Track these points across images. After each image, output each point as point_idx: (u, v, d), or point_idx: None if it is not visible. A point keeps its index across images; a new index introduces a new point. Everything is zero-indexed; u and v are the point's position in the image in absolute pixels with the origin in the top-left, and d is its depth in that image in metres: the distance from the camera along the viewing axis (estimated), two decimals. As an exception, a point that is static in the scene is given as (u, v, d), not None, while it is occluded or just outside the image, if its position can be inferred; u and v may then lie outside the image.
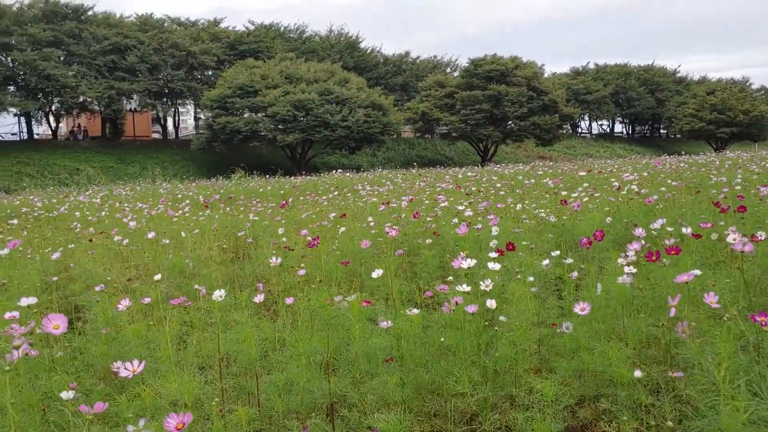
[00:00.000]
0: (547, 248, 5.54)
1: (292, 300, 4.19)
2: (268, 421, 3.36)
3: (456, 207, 8.26)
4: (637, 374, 2.86)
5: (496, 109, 45.29)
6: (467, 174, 19.40)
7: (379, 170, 28.06)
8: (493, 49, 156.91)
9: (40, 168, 36.84)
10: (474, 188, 12.38)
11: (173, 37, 44.35)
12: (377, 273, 4.17)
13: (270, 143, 39.38)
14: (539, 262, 4.52)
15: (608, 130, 71.55)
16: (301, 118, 38.27)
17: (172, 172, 35.55)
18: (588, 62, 79.51)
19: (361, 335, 3.41)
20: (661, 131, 73.60)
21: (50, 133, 46.50)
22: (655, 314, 3.73)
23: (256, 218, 9.35)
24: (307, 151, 41.74)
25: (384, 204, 9.02)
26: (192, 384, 2.85)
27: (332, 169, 31.84)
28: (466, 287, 3.47)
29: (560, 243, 6.38)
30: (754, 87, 67.60)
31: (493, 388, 3.30)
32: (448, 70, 58.88)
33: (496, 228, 5.73)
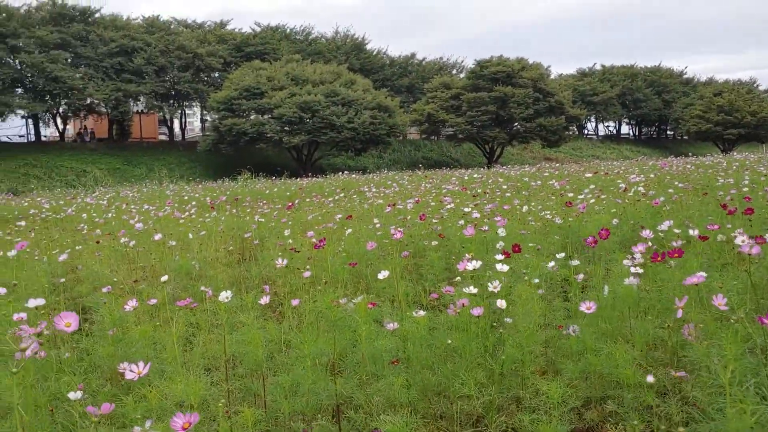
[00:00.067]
0: (554, 250, 5.53)
1: (297, 302, 4.20)
2: (274, 422, 3.36)
3: (462, 209, 8.25)
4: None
5: (502, 111, 45.21)
6: (473, 176, 19.37)
7: (385, 172, 28.06)
8: (499, 50, 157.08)
9: (48, 170, 36.98)
10: (480, 190, 12.37)
11: (180, 39, 44.46)
12: (383, 274, 4.17)
13: (276, 145, 39.42)
14: (545, 264, 4.51)
15: (615, 132, 71.33)
16: (307, 120, 38.31)
17: (179, 173, 35.70)
18: (594, 63, 79.46)
19: (367, 337, 3.41)
20: (668, 133, 73.26)
21: (57, 135, 46.67)
22: (661, 316, 3.72)
23: (262, 220, 9.36)
24: (313, 152, 41.76)
25: (390, 206, 9.03)
26: (198, 385, 2.86)
27: (338, 170, 31.85)
28: (472, 289, 3.47)
29: (566, 245, 6.37)
30: (761, 88, 67.12)
31: (499, 390, 3.30)
32: (454, 71, 58.78)
33: (502, 230, 5.72)
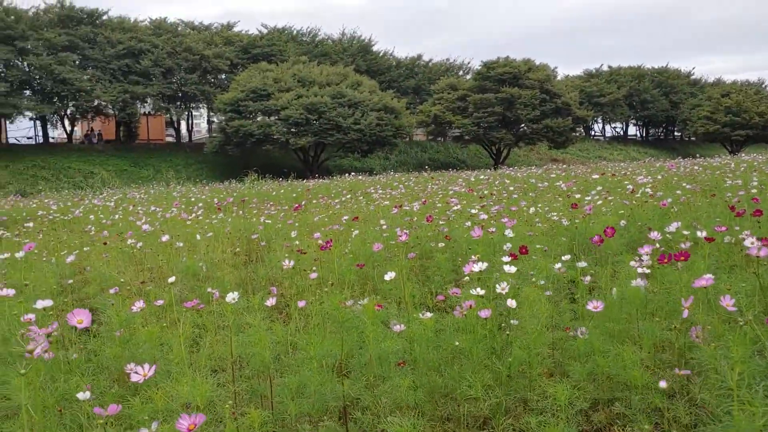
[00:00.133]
0: (561, 252, 5.52)
1: (304, 303, 4.20)
2: (281, 423, 3.36)
3: (469, 210, 8.24)
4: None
5: (508, 112, 45.13)
6: (480, 177, 19.34)
7: (392, 173, 28.07)
8: (505, 51, 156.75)
9: (56, 171, 37.13)
10: (487, 191, 12.35)
11: (187, 41, 44.60)
12: (390, 276, 4.17)
13: (283, 146, 39.46)
14: (552, 266, 4.50)
15: (622, 133, 71.09)
16: (314, 122, 38.35)
17: (186, 175, 35.77)
18: (601, 65, 78.92)
19: (374, 338, 3.41)
20: (676, 134, 72.93)
21: (65, 136, 46.86)
22: (669, 318, 3.71)
23: (269, 221, 9.38)
24: (320, 154, 41.80)
25: (397, 207, 9.03)
26: (205, 386, 2.86)
27: (345, 172, 31.85)
28: (480, 291, 3.46)
29: (573, 246, 6.35)
30: (769, 89, 66.92)
31: (506, 392, 3.29)
32: (461, 73, 58.72)
33: (510, 231, 5.72)
